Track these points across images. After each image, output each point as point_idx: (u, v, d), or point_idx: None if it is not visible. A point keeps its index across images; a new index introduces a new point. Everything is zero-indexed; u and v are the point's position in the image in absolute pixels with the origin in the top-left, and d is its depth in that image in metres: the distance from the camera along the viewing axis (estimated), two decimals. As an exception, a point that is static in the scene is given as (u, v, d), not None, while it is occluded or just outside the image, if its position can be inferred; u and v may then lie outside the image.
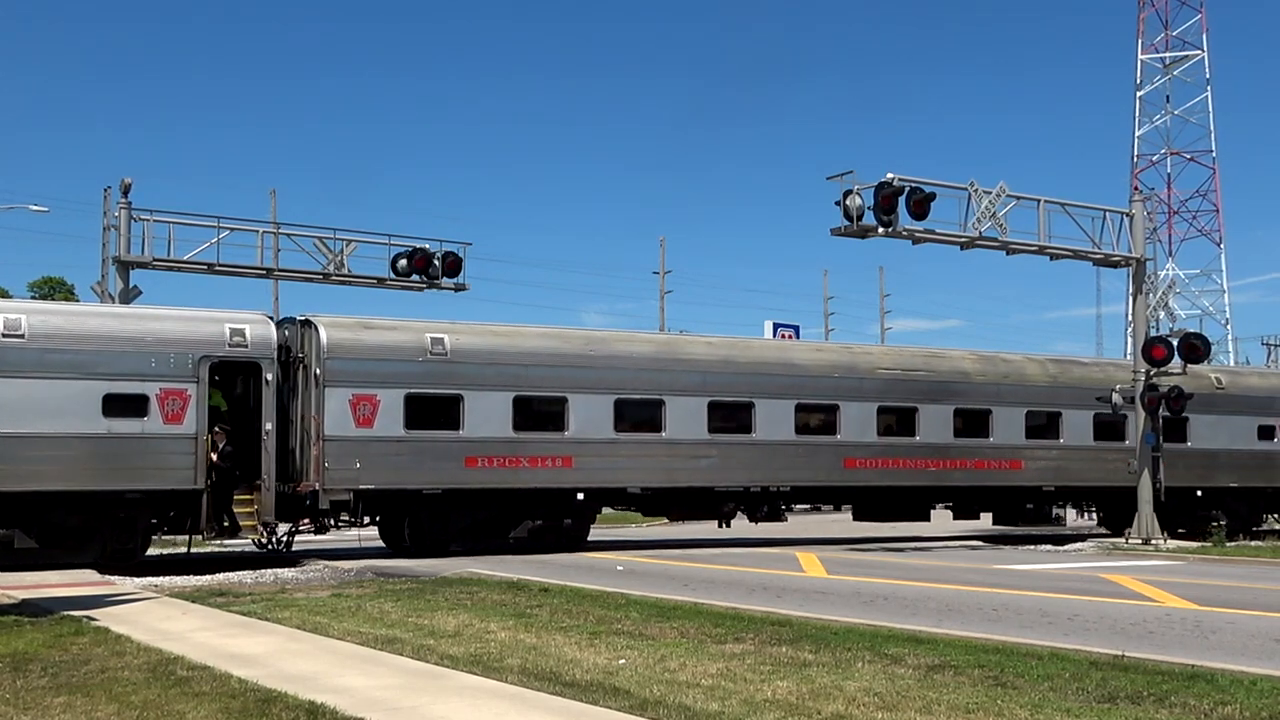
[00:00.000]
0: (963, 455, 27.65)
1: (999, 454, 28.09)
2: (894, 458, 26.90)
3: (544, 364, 23.66)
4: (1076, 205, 27.56)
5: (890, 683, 9.16)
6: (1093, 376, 29.76)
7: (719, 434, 25.05)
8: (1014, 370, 29.07)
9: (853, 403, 26.49)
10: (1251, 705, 8.28)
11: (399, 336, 22.67)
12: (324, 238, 28.60)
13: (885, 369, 27.40)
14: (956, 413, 27.71)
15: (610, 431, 23.96)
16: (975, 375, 28.32)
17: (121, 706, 8.42)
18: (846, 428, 26.40)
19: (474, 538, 23.08)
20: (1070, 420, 28.98)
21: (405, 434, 22.11)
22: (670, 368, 24.83)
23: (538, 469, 23.20)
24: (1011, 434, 28.25)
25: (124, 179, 26.67)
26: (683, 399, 24.66)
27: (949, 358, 28.92)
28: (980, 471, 27.81)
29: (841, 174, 24.41)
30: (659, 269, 59.67)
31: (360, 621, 13.01)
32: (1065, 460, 28.93)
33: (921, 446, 27.21)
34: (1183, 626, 12.70)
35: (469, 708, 8.42)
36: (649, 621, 12.68)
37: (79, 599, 15.05)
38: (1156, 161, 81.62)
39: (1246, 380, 32.39)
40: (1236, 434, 30.77)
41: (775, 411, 25.60)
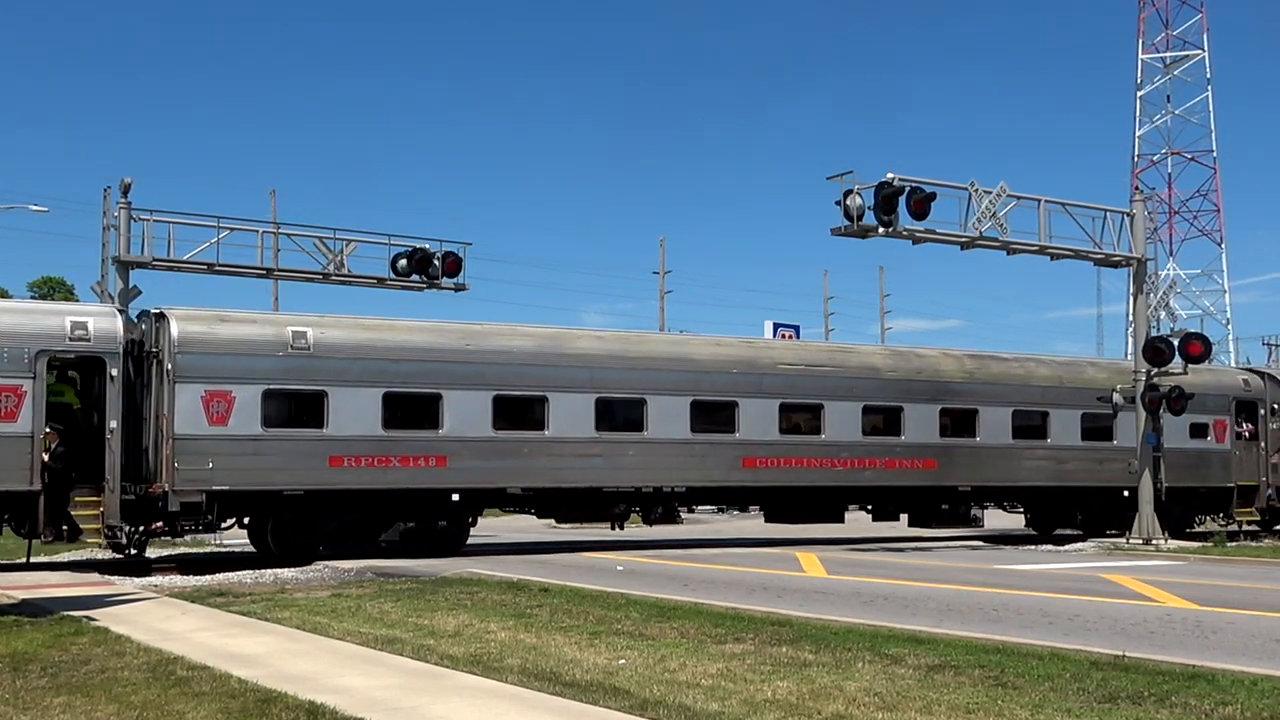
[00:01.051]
0: (873, 454, 26.60)
1: (911, 453, 27.04)
2: (798, 457, 25.79)
3: (416, 359, 22.56)
4: (1077, 205, 27.56)
5: (890, 683, 9.16)
6: (1012, 373, 28.94)
7: (608, 432, 23.98)
8: (927, 366, 28.00)
9: (753, 399, 25.37)
10: (1252, 705, 8.28)
11: (258, 330, 21.70)
12: (324, 238, 28.55)
13: (788, 364, 26.25)
14: (865, 410, 26.69)
15: (489, 430, 22.83)
16: (885, 371, 27.32)
17: (121, 706, 8.42)
18: (746, 425, 25.26)
19: (342, 541, 22.28)
20: (988, 418, 28.03)
21: (263, 432, 21.02)
22: (555, 363, 23.74)
23: (409, 469, 22.11)
24: (924, 432, 27.24)
25: (124, 179, 26.63)
26: (568, 395, 23.61)
27: (857, 353, 28.27)
28: (892, 471, 26.79)
29: (841, 174, 24.40)
30: (659, 269, 59.75)
31: (360, 621, 13.00)
32: (983, 459, 27.89)
33: (828, 445, 26.12)
34: (1183, 626, 12.69)
35: (469, 708, 8.42)
36: (649, 621, 12.68)
37: (79, 599, 15.05)
38: (1157, 161, 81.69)
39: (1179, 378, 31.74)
40: (1169, 432, 29.47)
41: (669, 409, 24.54)
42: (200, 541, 28.01)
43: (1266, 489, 31.42)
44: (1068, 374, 29.67)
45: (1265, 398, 31.88)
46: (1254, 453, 31.49)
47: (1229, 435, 30.91)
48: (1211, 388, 31.21)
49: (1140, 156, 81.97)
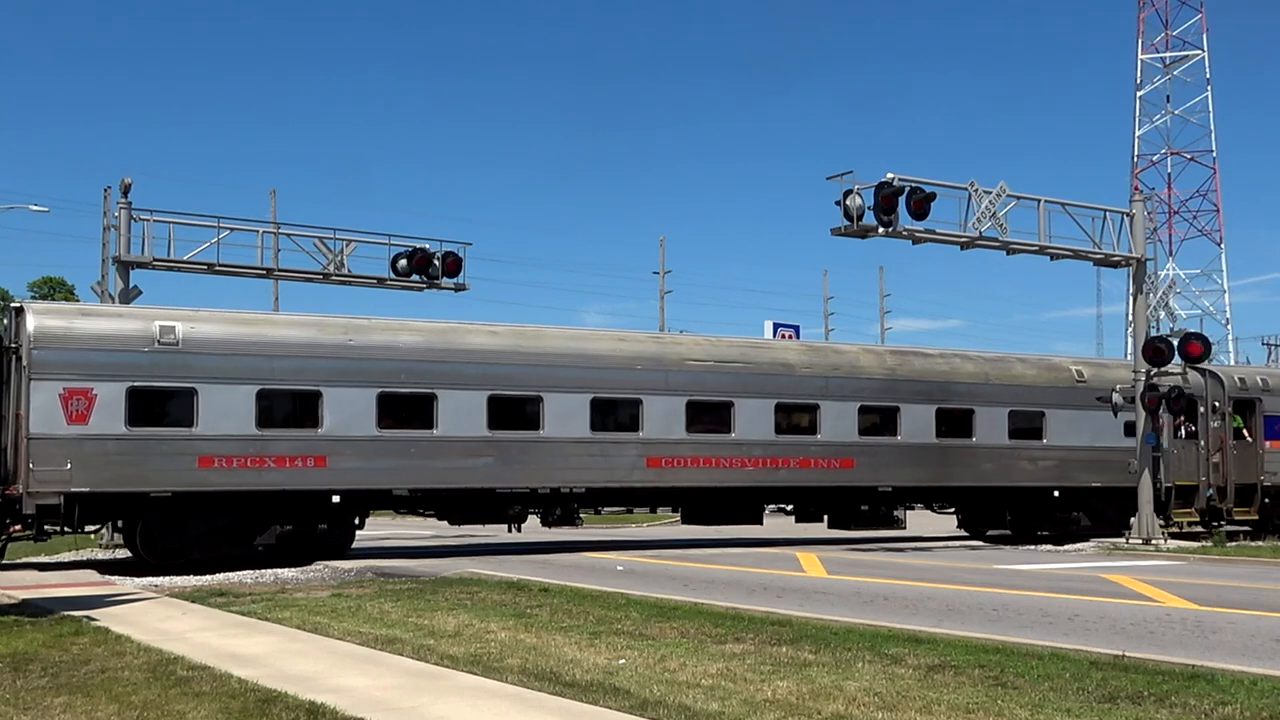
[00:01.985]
0: (787, 453, 25.58)
1: (828, 452, 26.01)
2: (707, 456, 24.80)
3: (294, 355, 21.58)
4: (1077, 205, 27.56)
5: (890, 683, 9.16)
6: (936, 369, 27.96)
7: (501, 431, 22.97)
8: (845, 362, 27.08)
9: (657, 396, 24.33)
10: (1252, 705, 8.28)
11: (122, 325, 20.79)
12: (324, 238, 28.61)
13: (696, 360, 25.17)
14: (779, 408, 25.63)
15: (372, 428, 21.89)
16: (800, 368, 26.29)
17: (121, 706, 8.42)
18: (651, 424, 24.24)
19: (216, 545, 21.13)
20: (910, 415, 27.01)
21: (127, 431, 20.09)
22: (445, 359, 22.78)
23: (286, 470, 21.14)
24: (842, 430, 26.19)
25: (124, 179, 26.71)
26: (458, 393, 22.61)
27: (770, 349, 27.40)
28: (807, 471, 25.77)
29: (841, 174, 24.39)
30: (659, 269, 59.77)
31: (360, 621, 13.00)
32: (905, 458, 26.92)
33: (738, 444, 25.10)
34: (1183, 626, 12.69)
35: (469, 708, 8.42)
36: (649, 621, 12.68)
37: (79, 599, 15.05)
38: (1157, 161, 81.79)
39: (1112, 373, 30.21)
40: (1099, 430, 28.74)
41: (567, 406, 23.53)
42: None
43: (1206, 489, 30.39)
44: (995, 370, 28.81)
45: (1205, 395, 30.73)
46: (1193, 452, 30.42)
47: (1166, 434, 29.70)
48: None
49: (1140, 156, 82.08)
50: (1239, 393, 30.71)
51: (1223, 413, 30.40)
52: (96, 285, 28.82)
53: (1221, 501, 30.25)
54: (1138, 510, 27.80)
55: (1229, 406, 30.42)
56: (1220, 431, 30.38)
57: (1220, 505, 30.29)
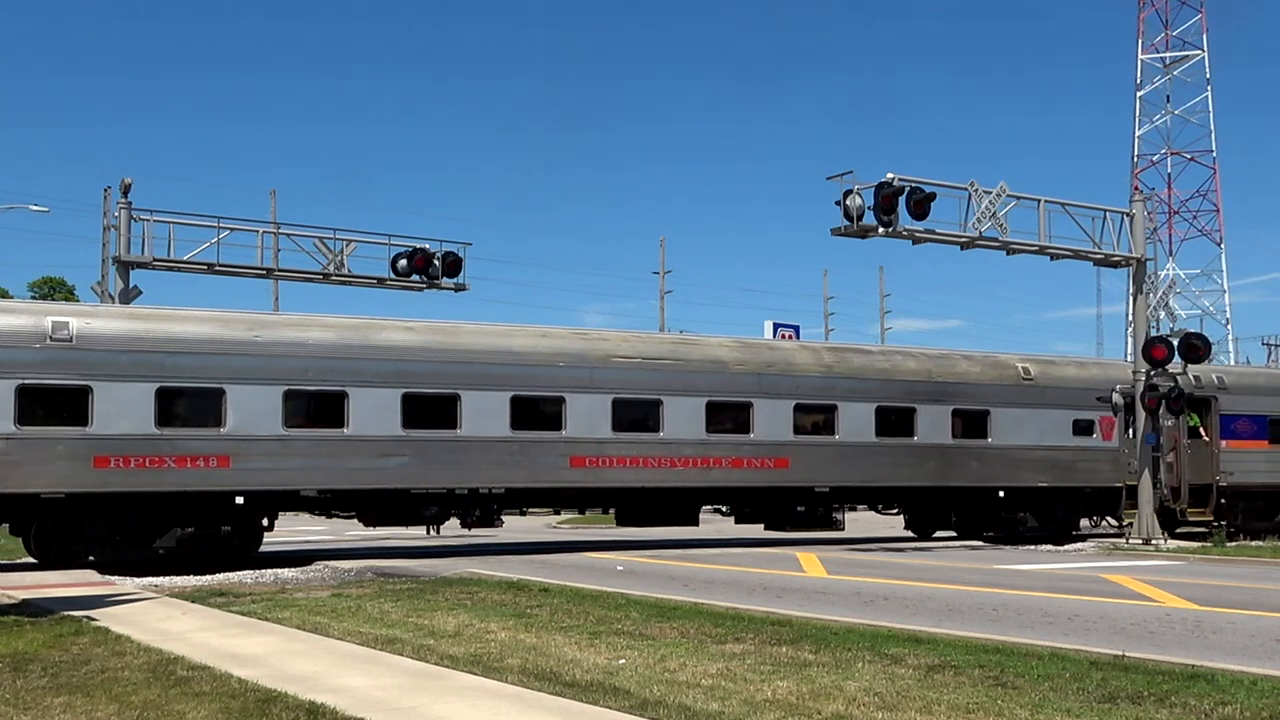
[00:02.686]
0: (718, 453, 24.94)
1: (762, 451, 25.38)
2: (633, 456, 24.09)
3: (196, 351, 20.91)
4: (1077, 205, 27.56)
5: (890, 683, 9.15)
6: (876, 366, 27.33)
7: (416, 430, 22.40)
8: (780, 359, 26.41)
9: (582, 394, 23.72)
10: (1252, 705, 8.28)
11: (11, 320, 20.21)
12: (324, 238, 28.62)
13: (623, 357, 24.47)
14: (710, 406, 24.97)
15: (279, 428, 21.30)
16: (733, 365, 25.55)
17: (121, 706, 8.42)
18: (574, 422, 23.64)
19: (114, 548, 20.67)
20: (848, 414, 26.34)
21: (16, 430, 19.54)
22: (357, 355, 22.12)
23: (187, 470, 20.56)
24: (777, 429, 25.55)
25: (124, 179, 26.72)
26: (371, 390, 22.03)
27: (701, 345, 26.41)
28: (740, 471, 25.14)
29: (841, 174, 24.41)
30: (659, 269, 59.80)
31: (360, 621, 13.00)
32: (843, 458, 26.18)
33: (667, 443, 24.45)
34: (1183, 626, 12.69)
35: (469, 708, 8.42)
36: (649, 621, 12.67)
37: (79, 599, 15.05)
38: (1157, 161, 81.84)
39: (1061, 370, 29.73)
40: (1047, 429, 28.31)
41: (486, 404, 22.88)
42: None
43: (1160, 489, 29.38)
44: (938, 368, 28.12)
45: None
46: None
47: (1116, 432, 29.26)
48: (1097, 382, 29.60)
49: (1140, 156, 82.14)
50: (1193, 390, 29.74)
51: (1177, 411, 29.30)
52: (96, 285, 28.83)
53: (1175, 502, 29.38)
54: (1138, 510, 27.77)
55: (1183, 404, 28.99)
56: (1174, 430, 29.54)
57: (1173, 506, 29.41)
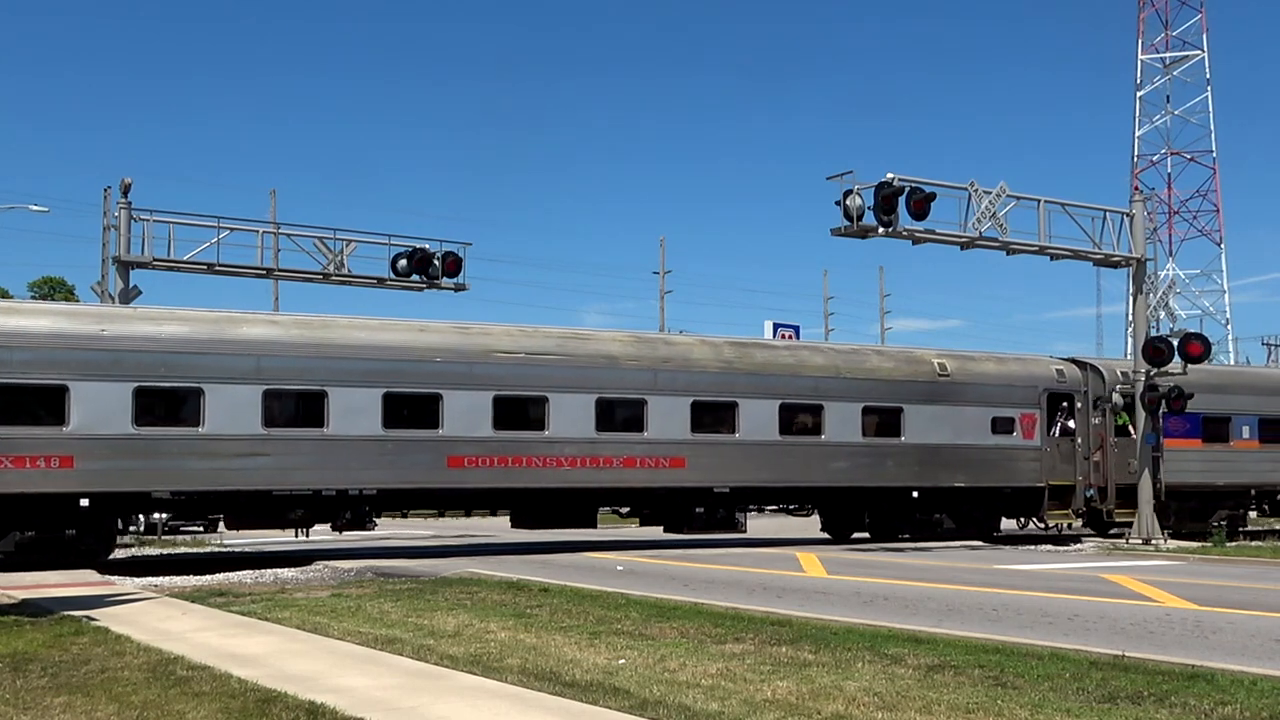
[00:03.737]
0: (609, 452, 23.83)
1: (656, 451, 24.27)
2: (517, 455, 23.03)
3: (34, 346, 19.93)
4: (1076, 205, 27.57)
5: (890, 683, 9.16)
6: (781, 362, 26.24)
7: (279, 428, 21.41)
8: (677, 354, 25.23)
9: (460, 391, 22.65)
10: (1251, 705, 8.28)
11: None
12: (324, 238, 28.62)
13: (505, 352, 23.40)
14: (599, 403, 23.88)
15: (128, 426, 20.26)
16: (625, 360, 24.46)
17: (121, 706, 8.42)
18: (452, 420, 22.55)
19: None
20: (750, 412, 25.23)
21: None
22: (214, 350, 21.07)
23: (25, 471, 19.61)
24: (673, 427, 24.46)
25: (124, 179, 26.72)
26: (230, 387, 20.99)
27: (591, 339, 24.99)
28: (632, 471, 24.02)
29: (841, 174, 24.41)
30: (659, 269, 59.75)
31: (360, 621, 13.00)
32: (745, 457, 25.12)
33: (553, 442, 23.37)
34: (1183, 626, 12.69)
35: (469, 708, 8.42)
36: (649, 621, 12.68)
37: (79, 599, 15.05)
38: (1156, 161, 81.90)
39: (980, 367, 28.61)
40: (964, 427, 27.30)
41: (357, 402, 21.87)
42: (200, 541, 28.06)
43: (1086, 488, 28.87)
44: (847, 363, 27.10)
45: (1082, 389, 29.27)
46: (1070, 449, 28.93)
47: (1039, 430, 28.36)
48: (1019, 379, 28.71)
49: (1140, 157, 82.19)
50: (1121, 387, 29.25)
51: (1104, 408, 29.09)
52: (96, 285, 28.82)
53: (1102, 503, 28.99)
54: (1138, 510, 27.78)
55: (1110, 402, 29.12)
56: (1100, 429, 29.09)
57: (1100, 507, 29.02)
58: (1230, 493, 30.88)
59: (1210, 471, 29.93)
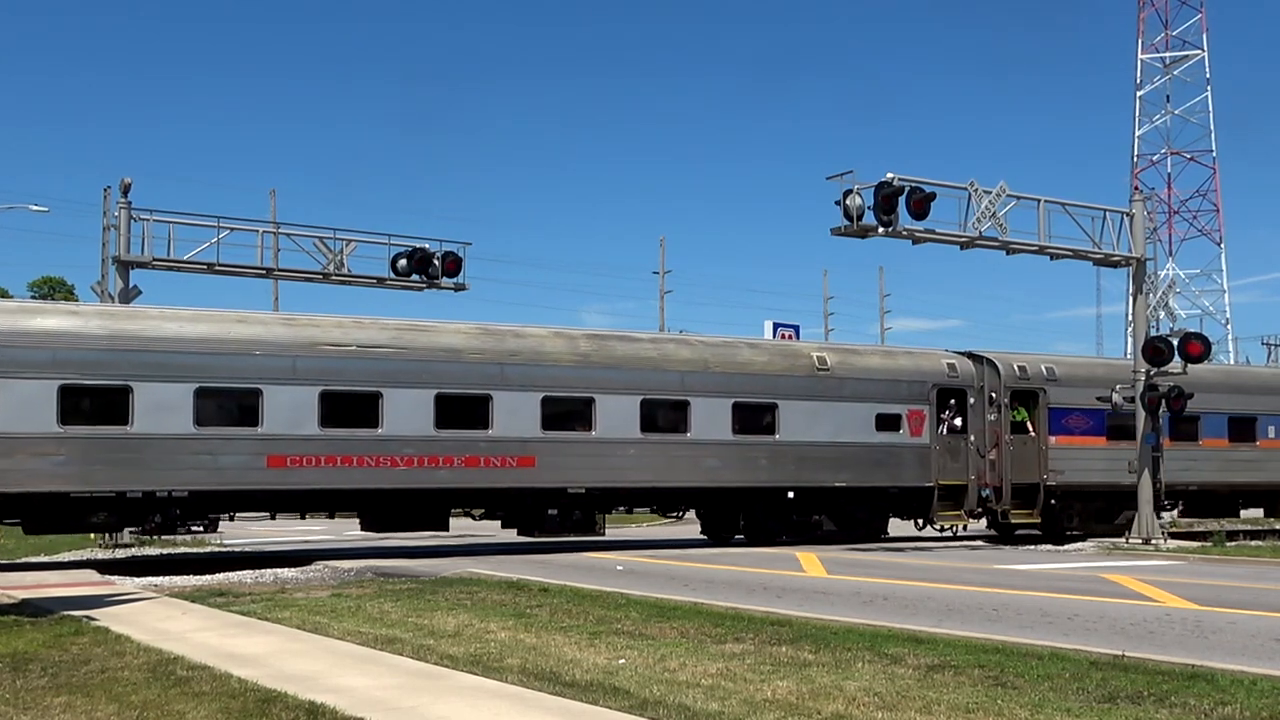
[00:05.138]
0: (449, 450, 22.56)
1: (502, 449, 23.03)
2: (345, 454, 21.79)
3: None
4: (1076, 205, 27.56)
5: (890, 683, 9.16)
6: (642, 355, 24.87)
7: (78, 426, 20.10)
8: (527, 347, 23.84)
9: (282, 386, 21.34)
10: (1251, 705, 8.28)
11: None
12: (324, 238, 28.65)
13: (333, 345, 22.05)
14: (439, 399, 22.59)
15: None
16: (468, 354, 23.18)
17: (121, 706, 8.42)
18: (273, 417, 21.25)
19: None
20: (608, 408, 23.97)
21: None
22: (5, 343, 19.85)
23: None
24: (521, 425, 23.20)
25: (124, 179, 26.76)
26: (20, 383, 19.73)
27: (431, 331, 23.52)
28: (475, 471, 22.77)
29: (841, 174, 24.38)
30: (659, 269, 59.79)
31: (360, 621, 13.01)
32: (601, 456, 23.90)
33: (385, 440, 22.11)
34: (1183, 626, 12.69)
35: (469, 708, 8.42)
36: (649, 621, 12.68)
37: (79, 599, 15.05)
38: (1156, 161, 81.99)
39: (863, 361, 27.42)
40: (845, 424, 26.12)
41: (165, 397, 20.52)
42: (200, 541, 28.05)
43: (980, 488, 27.66)
44: (717, 357, 25.72)
45: (976, 385, 28.00)
46: (962, 447, 27.64)
47: (927, 428, 27.17)
48: (906, 374, 27.46)
49: (1140, 156, 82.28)
50: (1018, 382, 28.23)
51: (1000, 404, 27.94)
52: (96, 285, 28.86)
53: (997, 503, 27.90)
54: (1137, 510, 27.75)
55: (1006, 397, 28.01)
56: (996, 426, 27.90)
57: (995, 507, 28.00)
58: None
59: (1116, 470, 28.34)
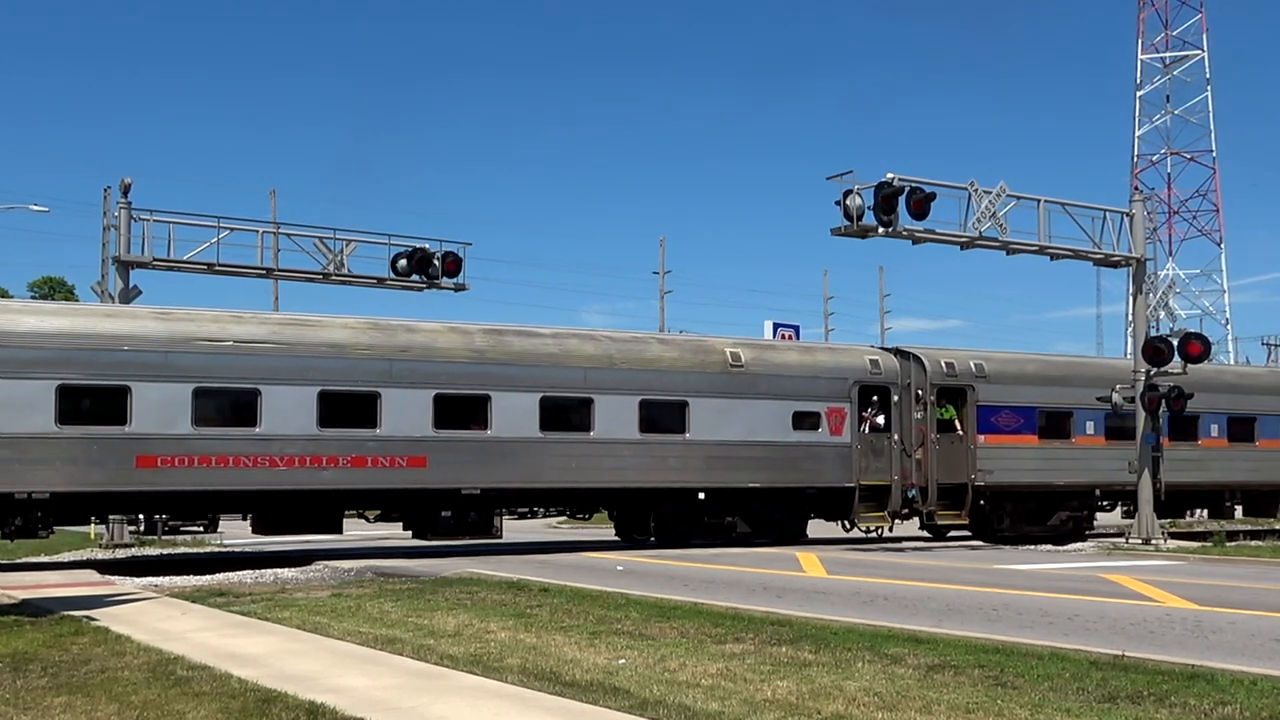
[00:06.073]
0: (334, 450, 21.75)
1: (391, 449, 22.27)
2: (221, 454, 20.90)
3: None
4: (1076, 205, 27.54)
5: (890, 683, 9.16)
6: (543, 351, 24.01)
7: None
8: (419, 343, 23.00)
9: (154, 384, 20.43)
10: (1251, 705, 8.28)
11: None
12: (324, 238, 28.64)
13: (210, 339, 21.13)
14: (322, 396, 21.73)
15: None
16: (355, 349, 22.30)
17: (121, 706, 8.42)
18: (143, 416, 20.31)
19: None
20: (505, 405, 23.18)
21: None
22: None
23: None
24: (412, 423, 22.39)
25: (124, 179, 26.76)
26: None
27: (316, 326, 22.59)
28: (362, 471, 22.01)
29: (841, 174, 24.35)
30: (659, 269, 59.75)
31: (360, 621, 13.01)
32: (498, 456, 23.08)
33: (265, 439, 21.26)
34: (1183, 626, 12.69)
35: (469, 708, 8.42)
36: (649, 621, 12.68)
37: (79, 599, 15.05)
38: (1156, 161, 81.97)
39: (780, 357, 26.67)
40: (760, 423, 25.31)
41: (22, 395, 19.64)
42: (200, 541, 28.07)
43: (906, 489, 26.90)
44: (623, 353, 24.84)
45: (901, 382, 27.23)
46: (886, 446, 26.77)
47: (848, 426, 26.37)
48: (826, 370, 26.64)
49: (1140, 156, 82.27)
50: (945, 379, 27.47)
51: (925, 402, 27.22)
52: (96, 285, 28.85)
53: (924, 503, 27.23)
54: (1138, 510, 27.73)
55: (933, 395, 27.31)
56: (922, 424, 27.17)
57: (922, 508, 27.32)
58: (1073, 493, 28.99)
59: (1049, 470, 27.86)
